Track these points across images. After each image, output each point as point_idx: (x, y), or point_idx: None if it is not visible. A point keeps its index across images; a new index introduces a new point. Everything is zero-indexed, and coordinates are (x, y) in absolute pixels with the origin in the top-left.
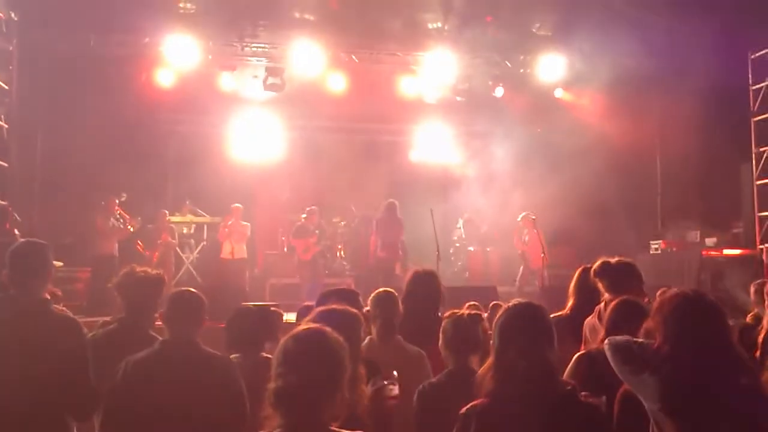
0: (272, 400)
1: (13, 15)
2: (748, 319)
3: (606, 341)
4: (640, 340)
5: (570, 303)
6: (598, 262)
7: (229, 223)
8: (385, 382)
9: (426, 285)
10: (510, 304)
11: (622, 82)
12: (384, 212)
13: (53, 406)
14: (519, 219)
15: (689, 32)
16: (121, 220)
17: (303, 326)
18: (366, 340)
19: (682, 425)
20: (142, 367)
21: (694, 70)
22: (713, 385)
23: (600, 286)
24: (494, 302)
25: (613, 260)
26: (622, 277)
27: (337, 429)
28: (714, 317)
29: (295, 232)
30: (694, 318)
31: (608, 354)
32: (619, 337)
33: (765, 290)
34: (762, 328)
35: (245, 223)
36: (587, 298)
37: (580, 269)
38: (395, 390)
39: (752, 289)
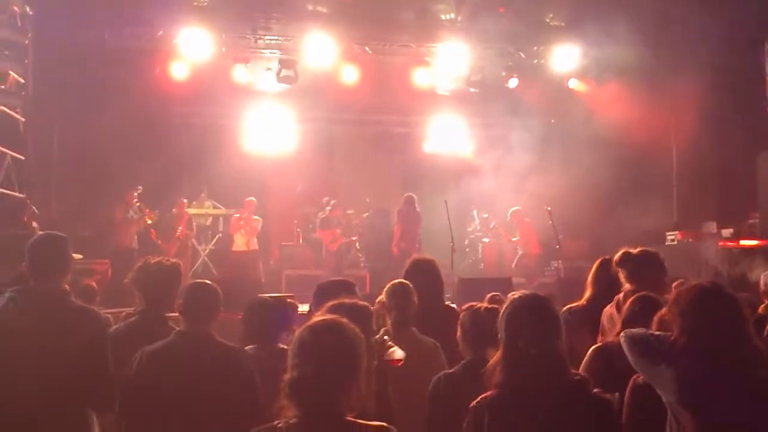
0: (288, 391)
1: (28, 9)
2: (761, 309)
3: (622, 334)
4: (657, 332)
5: (587, 294)
6: (620, 252)
7: (245, 215)
8: (387, 344)
9: (425, 274)
10: (515, 295)
11: (636, 72)
12: (403, 205)
13: (73, 397)
14: (509, 216)
15: (704, 21)
16: (140, 213)
17: (320, 317)
18: (381, 332)
19: (700, 417)
20: (156, 358)
21: (709, 59)
22: (730, 377)
23: (621, 276)
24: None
25: (634, 250)
26: (643, 267)
27: (353, 420)
28: (731, 309)
29: (321, 224)
30: (711, 310)
31: (624, 346)
32: (635, 330)
33: None
34: None
35: (257, 217)
36: (605, 290)
37: (599, 261)
38: (397, 353)
39: (762, 281)
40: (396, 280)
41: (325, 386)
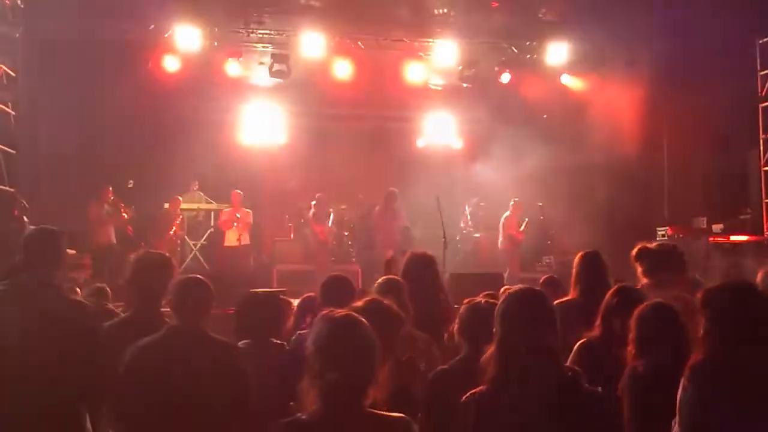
0: (315, 388)
1: (19, 2)
2: None
3: None
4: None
5: (577, 288)
6: (637, 246)
7: (238, 211)
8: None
9: (425, 268)
10: (511, 290)
11: (628, 68)
12: (383, 202)
13: (63, 391)
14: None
15: (697, 17)
16: (116, 208)
17: (338, 314)
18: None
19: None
20: (147, 353)
21: (701, 55)
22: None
23: (638, 271)
24: (506, 287)
25: (652, 244)
26: (661, 262)
27: (374, 411)
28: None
29: (314, 217)
30: (747, 315)
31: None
32: None
33: None
34: None
35: (247, 210)
36: (593, 283)
37: (581, 254)
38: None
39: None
40: (386, 276)
41: (352, 383)
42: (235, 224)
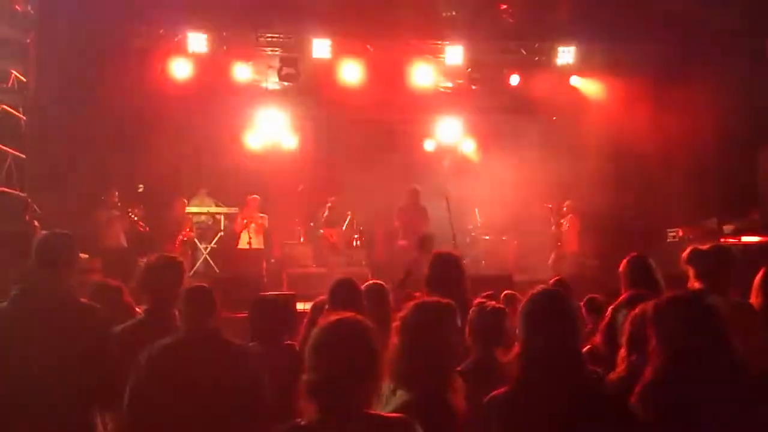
0: (306, 391)
1: (30, 8)
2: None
3: None
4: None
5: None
6: (689, 249)
7: (254, 215)
8: None
9: (450, 268)
10: (534, 291)
11: (637, 69)
12: (406, 199)
13: (75, 395)
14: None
15: (707, 16)
16: (123, 210)
17: (335, 316)
18: None
19: None
20: (165, 355)
21: (711, 55)
22: None
23: (690, 274)
24: (507, 292)
25: (704, 246)
26: (714, 265)
27: (373, 413)
28: None
29: (326, 222)
30: None
31: None
32: None
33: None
34: None
35: (262, 215)
36: (648, 288)
37: (632, 258)
38: None
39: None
40: (371, 281)
41: (343, 385)
42: (253, 225)
